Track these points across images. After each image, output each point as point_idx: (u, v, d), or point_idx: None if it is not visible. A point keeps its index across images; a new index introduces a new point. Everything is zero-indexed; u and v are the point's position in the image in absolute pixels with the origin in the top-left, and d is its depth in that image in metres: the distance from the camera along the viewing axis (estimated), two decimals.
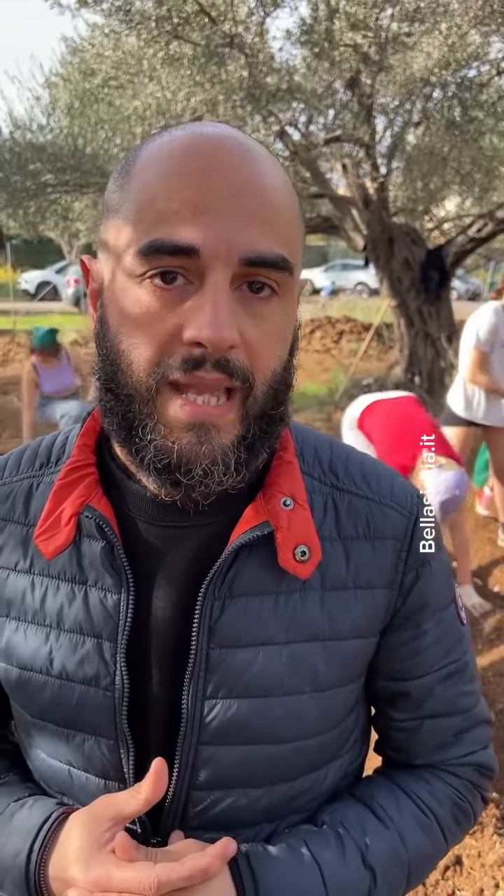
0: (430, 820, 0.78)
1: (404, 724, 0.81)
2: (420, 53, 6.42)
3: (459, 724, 0.81)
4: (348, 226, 8.07)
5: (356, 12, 5.73)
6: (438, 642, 0.78)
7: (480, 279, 20.81)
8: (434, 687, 0.78)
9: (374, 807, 0.77)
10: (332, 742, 0.75)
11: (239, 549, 0.67)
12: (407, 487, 0.78)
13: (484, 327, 3.77)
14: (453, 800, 0.80)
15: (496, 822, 2.18)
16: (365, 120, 6.40)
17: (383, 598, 0.73)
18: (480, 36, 6.53)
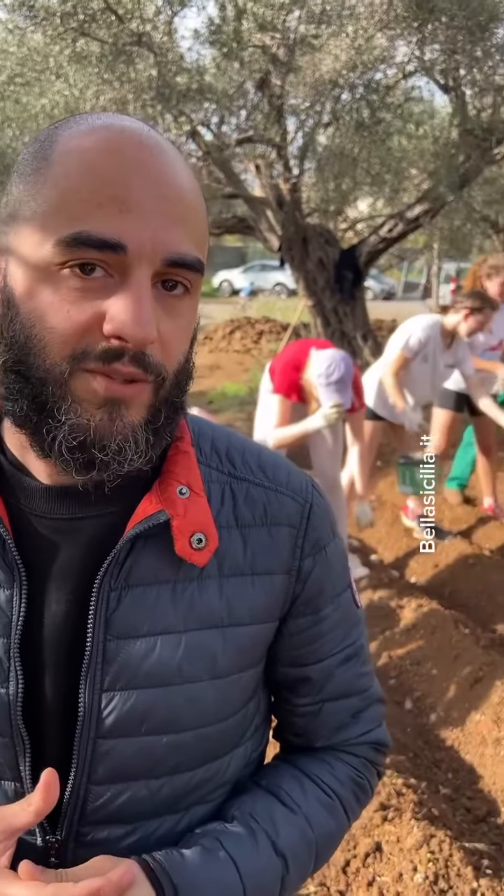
0: (334, 801, 0.80)
1: (305, 708, 0.83)
2: (328, 55, 6.52)
3: (357, 705, 0.84)
4: (263, 226, 8.12)
5: (264, 14, 5.77)
6: (337, 626, 0.80)
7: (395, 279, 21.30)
8: (334, 670, 0.81)
9: (281, 795, 0.78)
10: (234, 729, 0.76)
11: (135, 539, 0.67)
12: (302, 477, 0.80)
13: (417, 336, 3.86)
14: (353, 779, 0.83)
15: (414, 807, 2.23)
16: (276, 120, 6.45)
17: (281, 585, 0.75)
18: (386, 39, 6.68)
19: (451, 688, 2.96)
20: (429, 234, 9.59)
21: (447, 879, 1.99)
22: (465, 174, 6.49)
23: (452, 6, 5.47)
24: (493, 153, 6.66)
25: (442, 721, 2.87)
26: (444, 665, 3.07)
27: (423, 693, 3.03)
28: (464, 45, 5.71)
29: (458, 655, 3.06)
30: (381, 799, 2.25)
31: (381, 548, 4.59)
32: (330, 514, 0.81)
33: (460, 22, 5.52)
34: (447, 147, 6.58)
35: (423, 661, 3.16)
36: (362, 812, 0.87)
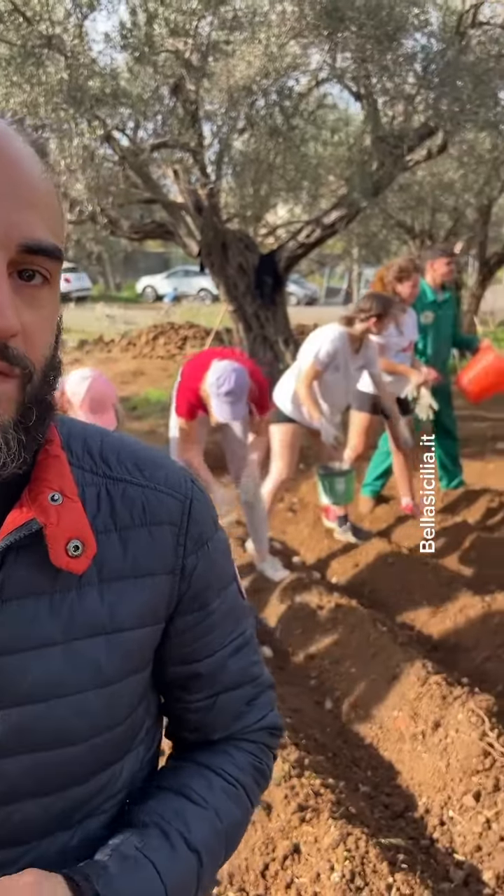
0: (238, 789, 0.82)
1: (200, 703, 0.83)
2: (242, 62, 6.56)
3: (251, 693, 0.85)
4: (182, 231, 8.09)
5: (175, 19, 5.76)
6: (225, 619, 0.81)
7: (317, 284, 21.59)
8: (226, 662, 0.82)
9: (188, 793, 0.78)
10: (124, 735, 0.75)
11: (6, 551, 0.65)
12: (180, 473, 0.79)
13: (326, 349, 3.92)
14: (253, 765, 0.85)
15: (332, 806, 2.23)
16: (191, 126, 6.44)
17: (166, 585, 0.74)
18: (299, 47, 6.77)
19: (369, 686, 2.99)
20: (346, 239, 9.75)
21: (363, 876, 2.00)
22: (379, 181, 6.62)
23: (361, 16, 5.57)
24: (405, 160, 6.81)
25: (361, 719, 2.89)
26: (363, 663, 3.10)
27: (343, 692, 3.05)
28: (373, 54, 5.83)
29: (377, 653, 3.09)
30: (299, 800, 2.25)
31: (303, 549, 4.62)
32: (211, 508, 0.81)
33: (369, 31, 5.63)
34: (361, 154, 6.70)
35: (342, 661, 3.18)
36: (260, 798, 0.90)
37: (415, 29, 6.09)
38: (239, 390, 3.31)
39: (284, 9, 6.22)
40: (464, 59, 5.80)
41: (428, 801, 2.46)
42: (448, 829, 2.35)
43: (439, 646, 3.41)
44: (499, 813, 2.28)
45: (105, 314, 18.02)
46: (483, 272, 11.76)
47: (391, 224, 9.87)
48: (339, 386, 4.04)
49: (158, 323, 14.50)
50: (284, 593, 3.75)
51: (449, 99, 5.77)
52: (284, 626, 3.56)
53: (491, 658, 3.20)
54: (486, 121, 6.06)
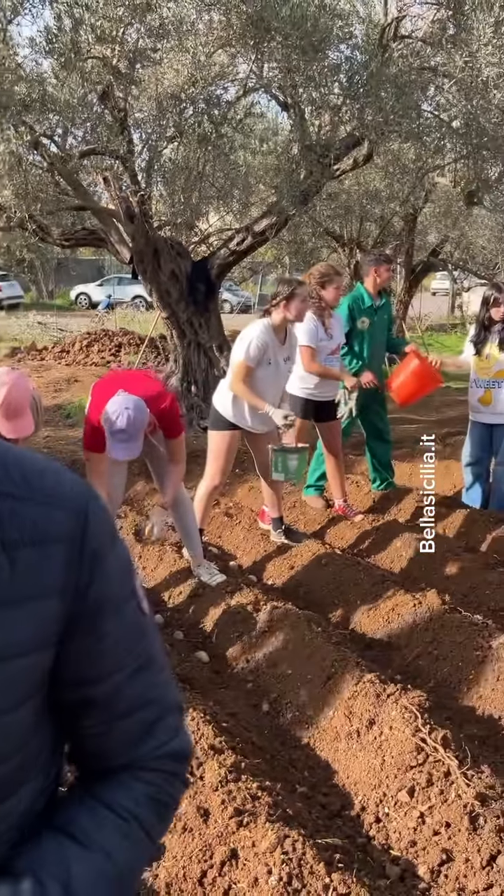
0: (132, 825, 0.76)
1: (96, 729, 0.78)
2: (170, 70, 6.57)
3: (151, 717, 0.80)
4: (114, 238, 8.04)
5: (101, 25, 5.73)
6: (122, 640, 0.76)
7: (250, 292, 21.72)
8: (122, 685, 0.77)
9: (72, 831, 0.73)
10: (18, 767, 0.71)
11: None
12: (76, 484, 0.74)
13: (255, 343, 3.94)
14: (153, 797, 0.79)
15: (269, 809, 2.24)
16: (120, 133, 6.41)
17: (58, 606, 0.69)
18: (227, 57, 6.82)
19: (305, 687, 3.02)
20: (277, 247, 9.84)
21: (301, 878, 2.01)
22: (307, 189, 6.72)
23: (286, 26, 5.65)
24: (332, 169, 6.94)
25: (297, 720, 2.92)
26: (299, 665, 3.13)
27: (279, 694, 3.07)
28: (299, 64, 5.91)
29: (312, 654, 3.12)
30: (236, 805, 2.25)
31: (239, 553, 4.64)
32: (109, 521, 0.76)
33: (294, 42, 5.71)
34: (289, 163, 6.78)
35: (278, 663, 3.20)
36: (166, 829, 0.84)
37: (339, 41, 6.22)
38: (132, 429, 3.20)
39: (212, 18, 6.27)
40: (387, 71, 5.94)
41: (364, 799, 2.49)
42: (384, 825, 2.38)
43: (373, 644, 3.47)
44: (432, 807, 2.32)
45: (37, 322, 17.73)
46: (410, 279, 12.04)
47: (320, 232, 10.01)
48: (272, 381, 4.07)
49: (92, 330, 14.35)
50: (221, 598, 3.75)
51: (373, 110, 5.91)
52: (221, 631, 3.56)
53: (422, 655, 3.27)
54: (409, 131, 6.23)
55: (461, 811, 2.22)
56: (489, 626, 3.29)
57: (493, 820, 2.15)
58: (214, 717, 2.74)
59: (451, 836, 2.20)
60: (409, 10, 6.43)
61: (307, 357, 4.45)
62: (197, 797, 2.31)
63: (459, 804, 2.25)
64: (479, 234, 13.03)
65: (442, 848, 2.19)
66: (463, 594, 3.90)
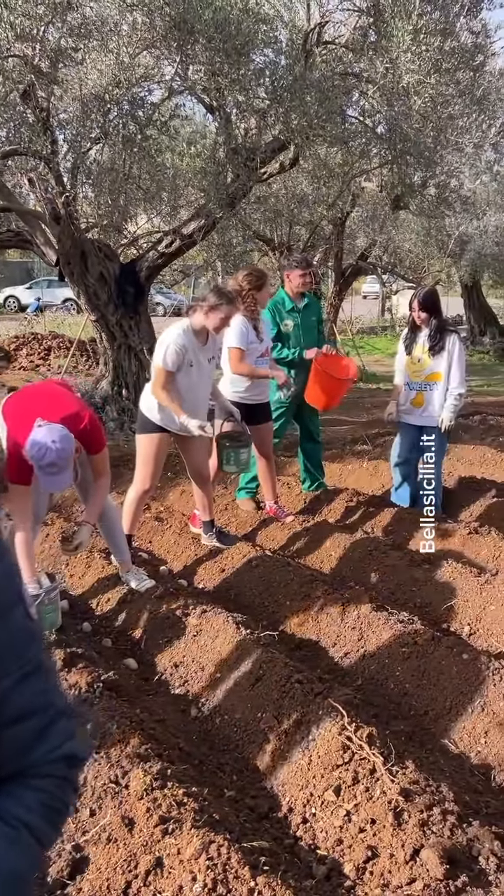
0: (20, 831, 0.76)
1: None
2: (93, 70, 6.49)
3: (42, 723, 0.79)
4: (40, 240, 7.89)
5: (21, 23, 5.62)
6: (8, 647, 0.75)
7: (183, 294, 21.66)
8: (10, 693, 0.75)
9: None
10: None
11: None
12: None
13: (172, 348, 3.90)
14: (44, 803, 0.79)
15: (195, 815, 2.22)
16: (42, 133, 6.30)
17: None
18: (152, 58, 6.78)
19: (234, 690, 3.00)
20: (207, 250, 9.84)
21: (226, 884, 2.00)
22: (234, 192, 6.73)
23: (209, 29, 5.65)
24: (259, 172, 6.97)
25: (226, 724, 2.90)
26: (228, 668, 3.11)
27: (208, 698, 3.05)
28: (223, 67, 5.92)
29: (241, 657, 3.11)
30: (161, 812, 2.22)
31: (170, 557, 4.60)
32: None
33: (218, 45, 5.72)
34: (216, 165, 6.78)
35: (207, 667, 3.18)
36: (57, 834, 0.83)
37: (264, 45, 6.25)
38: (62, 461, 3.10)
39: (135, 19, 6.22)
40: (311, 76, 6.01)
41: (291, 800, 2.49)
42: (311, 825, 2.39)
43: (302, 644, 3.49)
44: (358, 805, 2.34)
45: None
46: (340, 283, 12.20)
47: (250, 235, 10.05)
48: (196, 382, 4.04)
49: (21, 334, 14.06)
50: (150, 604, 3.71)
51: (298, 114, 5.96)
52: (150, 637, 3.52)
53: (350, 653, 3.30)
54: (334, 136, 6.30)
55: (386, 807, 2.25)
56: (415, 623, 3.34)
57: (417, 814, 2.18)
58: (141, 725, 2.70)
59: (376, 833, 2.22)
60: (332, 16, 6.52)
61: (235, 358, 4.44)
62: (122, 806, 2.28)
63: (384, 800, 2.27)
64: (405, 237, 13.30)
65: (367, 845, 2.21)
66: (390, 592, 3.96)
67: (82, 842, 2.23)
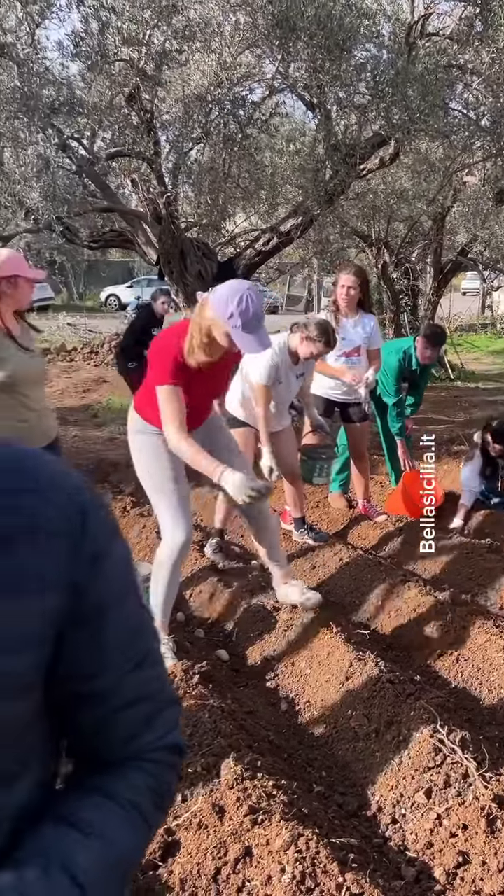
0: (132, 813, 0.77)
1: (97, 721, 0.78)
2: (196, 71, 6.59)
3: (149, 711, 0.80)
4: (141, 240, 8.08)
5: (128, 28, 5.77)
6: (122, 635, 0.76)
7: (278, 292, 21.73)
8: (122, 679, 0.77)
9: (74, 820, 0.73)
10: (17, 757, 0.71)
11: None
12: (74, 478, 0.74)
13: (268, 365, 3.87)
14: (151, 787, 0.80)
15: (283, 808, 2.24)
16: (146, 134, 6.45)
17: (56, 601, 0.69)
18: (253, 57, 6.83)
19: (324, 686, 3.01)
20: (304, 248, 9.83)
21: (314, 877, 2.01)
22: (333, 189, 6.70)
23: (312, 26, 5.64)
24: (359, 169, 6.90)
25: (315, 720, 2.91)
26: (318, 664, 3.11)
27: (298, 693, 3.06)
28: (325, 64, 5.90)
29: (331, 654, 3.11)
30: (251, 802, 2.25)
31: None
32: (109, 517, 0.76)
33: (320, 41, 5.70)
34: (315, 162, 6.77)
35: (297, 662, 3.20)
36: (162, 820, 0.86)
37: (365, 39, 6.19)
38: (262, 309, 2.78)
39: (238, 19, 6.28)
40: (413, 70, 5.90)
41: (381, 800, 2.48)
42: (400, 826, 2.37)
43: (393, 645, 3.45)
44: (449, 809, 2.30)
45: (67, 323, 17.91)
46: (438, 279, 11.94)
47: (347, 232, 9.97)
48: (284, 395, 4.08)
49: (121, 331, 14.45)
50: (241, 597, 3.75)
51: (400, 108, 5.87)
52: (241, 630, 3.56)
53: (443, 656, 3.24)
54: (436, 130, 6.18)
55: (478, 813, 2.20)
56: None
57: None
58: (232, 716, 2.74)
59: (468, 839, 2.18)
60: (437, 7, 6.39)
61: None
62: (213, 794, 2.31)
63: (477, 806, 2.23)
64: None
65: (458, 850, 2.17)
66: (486, 596, 3.86)
67: (174, 826, 2.28)
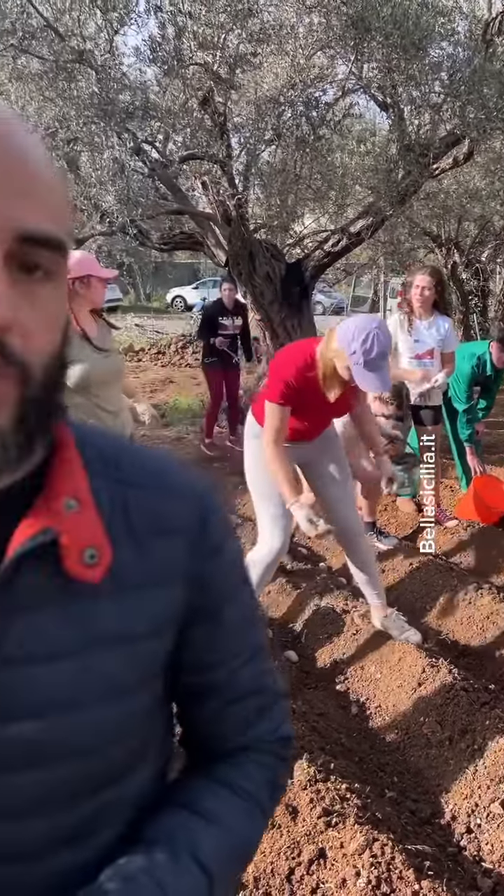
0: (250, 803, 0.79)
1: (211, 713, 0.81)
2: (269, 73, 6.62)
3: (262, 703, 0.83)
4: (210, 242, 8.15)
5: (204, 32, 5.83)
6: (237, 629, 0.79)
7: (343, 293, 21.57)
8: (237, 672, 0.79)
9: (196, 807, 0.75)
10: (136, 748, 0.73)
11: (21, 559, 0.62)
12: (195, 479, 0.77)
13: None
14: (267, 778, 0.82)
15: (357, 811, 2.23)
16: (219, 137, 6.51)
17: (179, 593, 0.72)
18: (326, 58, 6.82)
19: (395, 691, 2.98)
20: (373, 248, 9.75)
21: (389, 883, 2.00)
22: (405, 189, 6.63)
23: (387, 25, 5.60)
24: (431, 168, 6.82)
25: (387, 724, 2.89)
26: (389, 669, 3.09)
27: (368, 697, 3.05)
28: (399, 64, 5.85)
29: (402, 658, 3.09)
30: (324, 805, 2.25)
31: (328, 554, 4.62)
32: (226, 514, 0.79)
33: (395, 41, 5.65)
34: (387, 163, 6.71)
35: (367, 666, 3.18)
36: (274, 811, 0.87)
37: (441, 38, 6.11)
38: (387, 348, 2.71)
39: (312, 20, 6.28)
40: (490, 67, 5.80)
41: (455, 808, 2.45)
42: (475, 836, 2.33)
43: (466, 652, 3.40)
44: None
45: (135, 324, 18.18)
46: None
47: (417, 232, 9.85)
48: None
49: (187, 332, 14.60)
50: (310, 598, 3.75)
51: (475, 107, 5.78)
52: (310, 631, 3.56)
53: None
54: None
55: None
56: None
57: None
58: (304, 717, 2.75)
59: None
60: None
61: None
62: (286, 795, 2.32)
63: None
64: None
65: None
66: None
67: None
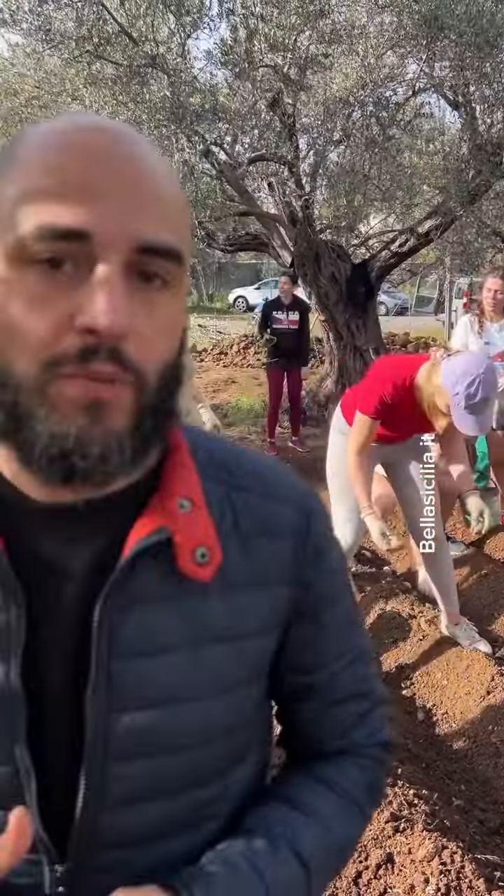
0: (350, 803, 0.80)
1: (312, 714, 0.82)
2: (339, 74, 6.61)
3: (363, 707, 0.83)
4: (276, 243, 8.19)
5: (275, 34, 5.85)
6: (340, 631, 0.80)
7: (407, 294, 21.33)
8: (339, 675, 0.81)
9: (296, 802, 0.77)
10: (241, 742, 0.75)
11: (136, 556, 0.65)
12: (301, 484, 0.79)
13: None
14: (368, 780, 0.83)
15: (426, 818, 2.22)
16: (287, 139, 6.52)
17: (284, 594, 0.74)
18: (396, 57, 6.77)
19: (462, 699, 2.95)
20: (440, 248, 9.63)
21: (459, 891, 1.98)
22: (476, 188, 6.54)
23: (461, 23, 5.53)
24: (503, 167, 6.70)
25: (454, 732, 2.86)
26: (456, 676, 3.06)
27: (435, 704, 3.02)
28: (472, 62, 5.77)
29: (470, 666, 3.05)
30: (392, 810, 2.24)
31: (393, 558, 4.59)
32: (329, 519, 0.80)
33: (469, 38, 5.58)
34: (457, 162, 6.62)
35: (433, 672, 3.15)
36: (373, 816, 0.87)
37: None
38: (493, 392, 2.62)
39: (383, 20, 6.24)
40: None
41: None
42: None
43: None
44: None
45: (197, 324, 18.34)
46: None
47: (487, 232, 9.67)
48: None
49: (249, 333, 14.65)
50: (376, 602, 3.73)
51: None
52: (375, 635, 3.54)
53: None
54: None
55: None
56: None
57: None
58: None
59: None
60: None
61: None
62: None
63: None
64: None
65: None
66: None
67: None
